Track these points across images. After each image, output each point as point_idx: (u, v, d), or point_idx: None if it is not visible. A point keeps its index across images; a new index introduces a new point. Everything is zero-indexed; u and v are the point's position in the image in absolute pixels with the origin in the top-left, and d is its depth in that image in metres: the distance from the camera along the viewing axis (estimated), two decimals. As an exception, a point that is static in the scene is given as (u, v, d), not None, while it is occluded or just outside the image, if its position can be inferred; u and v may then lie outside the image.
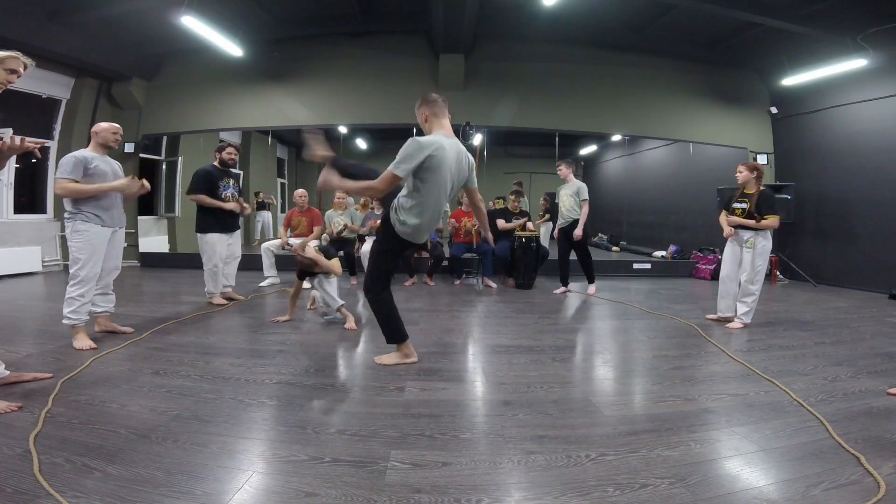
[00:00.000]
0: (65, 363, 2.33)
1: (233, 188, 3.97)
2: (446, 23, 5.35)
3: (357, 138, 8.48)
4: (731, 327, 3.44)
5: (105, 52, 5.72)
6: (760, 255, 3.37)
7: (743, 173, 3.47)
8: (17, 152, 1.79)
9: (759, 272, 3.38)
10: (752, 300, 3.43)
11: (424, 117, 2.41)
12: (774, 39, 5.75)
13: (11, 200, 5.60)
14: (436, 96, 2.42)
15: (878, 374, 2.42)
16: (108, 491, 1.27)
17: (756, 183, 3.44)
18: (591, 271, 4.87)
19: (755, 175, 3.44)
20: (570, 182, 4.73)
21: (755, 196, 3.38)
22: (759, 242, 3.37)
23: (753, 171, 3.45)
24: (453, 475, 1.42)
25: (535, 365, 2.53)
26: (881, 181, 5.31)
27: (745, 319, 3.46)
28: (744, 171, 3.47)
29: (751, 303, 3.43)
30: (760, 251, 3.37)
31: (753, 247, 3.38)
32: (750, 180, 3.45)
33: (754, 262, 3.38)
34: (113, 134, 2.75)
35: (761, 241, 3.37)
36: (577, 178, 4.78)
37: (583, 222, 4.57)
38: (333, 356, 2.69)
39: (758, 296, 3.43)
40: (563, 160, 4.85)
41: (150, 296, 4.53)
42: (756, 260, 3.38)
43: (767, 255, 3.41)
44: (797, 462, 1.51)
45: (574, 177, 4.77)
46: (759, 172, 3.46)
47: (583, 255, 4.80)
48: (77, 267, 2.58)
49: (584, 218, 4.58)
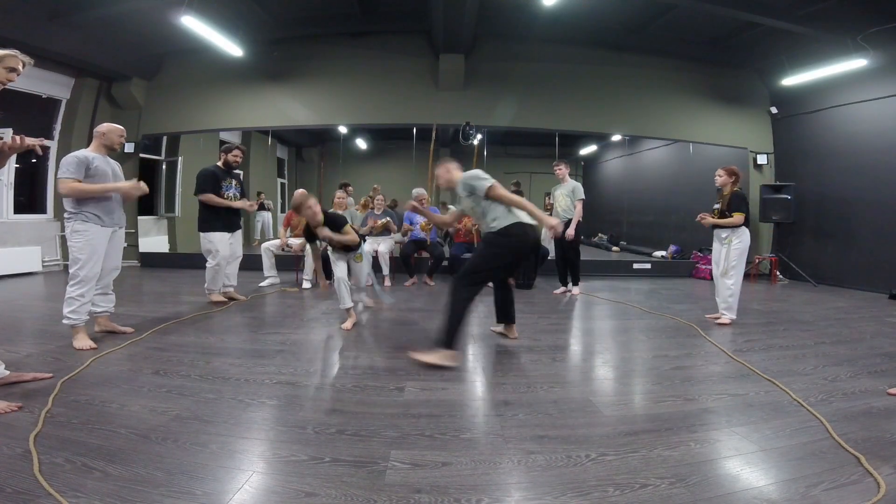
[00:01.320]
0: (65, 363, 2.33)
1: (234, 189, 3.98)
2: (446, 23, 5.34)
3: (357, 138, 8.48)
4: (718, 322, 3.61)
5: (105, 52, 5.72)
6: (735, 252, 3.57)
7: (722, 177, 3.68)
8: (18, 151, 1.79)
9: (733, 267, 3.58)
10: (729, 294, 3.60)
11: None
12: (774, 39, 5.75)
13: (11, 200, 5.60)
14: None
15: (878, 374, 2.42)
16: (108, 491, 1.27)
17: (732, 185, 3.65)
18: (577, 272, 4.84)
19: (733, 179, 3.66)
20: (566, 182, 4.73)
21: (728, 197, 3.61)
22: (734, 240, 3.57)
23: (732, 176, 3.66)
24: (453, 475, 1.42)
25: (535, 365, 2.53)
26: (881, 181, 5.31)
27: (728, 314, 3.63)
28: (723, 175, 3.68)
29: (728, 297, 3.61)
30: (735, 248, 3.57)
31: (730, 243, 3.60)
32: (728, 183, 3.66)
33: (729, 257, 3.60)
34: (119, 136, 2.77)
35: (736, 239, 3.56)
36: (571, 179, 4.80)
37: (576, 222, 4.58)
38: (333, 356, 2.69)
39: (734, 290, 3.59)
40: (561, 160, 4.85)
41: (150, 296, 4.52)
42: (731, 255, 3.59)
43: (744, 252, 3.59)
44: (797, 462, 1.51)
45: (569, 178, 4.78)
46: (737, 177, 3.68)
47: (573, 256, 4.79)
48: (77, 267, 2.58)
49: (577, 217, 4.58)
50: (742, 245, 3.57)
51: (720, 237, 3.67)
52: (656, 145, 8.12)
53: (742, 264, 3.60)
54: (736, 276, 3.58)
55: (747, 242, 3.59)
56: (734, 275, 3.58)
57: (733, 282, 3.59)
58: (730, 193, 3.62)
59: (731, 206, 3.58)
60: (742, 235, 3.56)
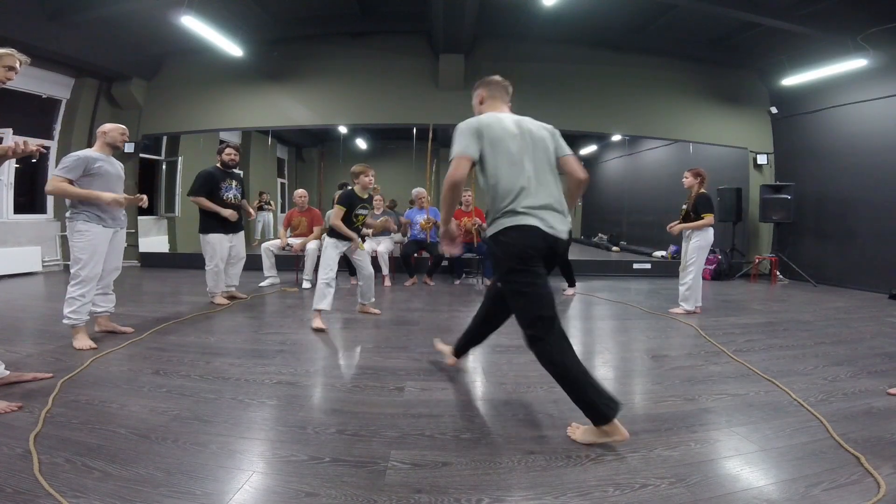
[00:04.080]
0: (65, 363, 2.33)
1: (235, 189, 3.96)
2: (446, 23, 5.34)
3: (357, 138, 8.47)
4: (673, 311, 3.91)
5: (105, 52, 5.72)
6: (694, 248, 3.81)
7: (688, 179, 3.92)
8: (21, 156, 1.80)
9: (690, 262, 3.85)
10: (686, 288, 3.87)
11: (480, 99, 2.03)
12: (774, 39, 5.75)
13: (11, 200, 5.61)
14: (498, 78, 2.04)
15: (878, 374, 2.42)
16: (108, 491, 1.27)
17: (699, 187, 3.86)
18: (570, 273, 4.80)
19: (699, 181, 3.87)
20: None
21: (693, 198, 3.82)
22: (693, 237, 3.82)
23: (697, 178, 3.89)
24: (453, 475, 1.42)
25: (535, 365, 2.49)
26: (881, 181, 5.30)
27: (685, 306, 3.89)
28: (689, 177, 3.92)
29: (685, 291, 3.88)
30: (694, 245, 3.82)
31: (689, 240, 3.88)
32: (694, 185, 3.88)
33: (688, 253, 3.86)
34: (121, 135, 2.78)
35: (696, 237, 3.81)
36: None
37: None
38: (333, 356, 2.69)
39: (690, 284, 3.85)
40: None
41: (150, 296, 4.52)
42: (689, 252, 3.85)
43: (702, 249, 3.83)
44: (797, 462, 1.51)
45: None
46: (703, 178, 3.88)
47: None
48: (78, 267, 2.58)
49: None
50: (701, 242, 3.79)
51: (686, 236, 3.91)
52: (656, 145, 8.11)
53: (701, 260, 3.84)
54: (694, 272, 3.83)
55: (709, 240, 3.82)
56: (692, 270, 3.83)
57: (692, 276, 3.83)
58: (696, 195, 3.82)
59: (697, 209, 3.78)
60: (703, 233, 3.79)
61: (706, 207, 3.75)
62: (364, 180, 3.36)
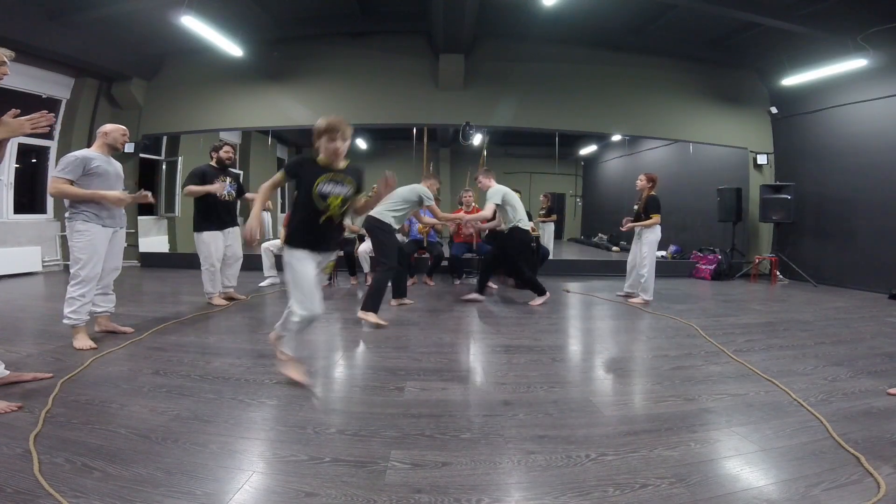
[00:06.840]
0: (65, 363, 2.33)
1: (230, 187, 3.95)
2: (446, 23, 5.34)
3: (357, 138, 8.48)
4: (633, 302, 4.33)
5: (105, 52, 5.72)
6: (646, 245, 4.27)
7: (642, 182, 4.37)
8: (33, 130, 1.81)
9: (645, 257, 4.29)
10: (644, 280, 4.30)
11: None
12: (774, 39, 5.75)
13: (11, 200, 5.60)
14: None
15: (878, 374, 2.42)
16: (108, 491, 1.27)
17: (649, 190, 4.31)
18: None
19: (650, 185, 4.32)
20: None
21: (644, 200, 4.28)
22: (644, 235, 4.28)
23: (650, 182, 4.34)
24: (453, 475, 1.42)
25: (535, 365, 2.53)
26: (881, 181, 5.30)
27: (643, 296, 4.32)
28: (643, 180, 4.36)
29: (643, 283, 4.31)
30: (646, 242, 4.27)
31: (640, 237, 4.32)
32: (646, 188, 4.33)
33: (641, 250, 4.32)
34: (122, 136, 2.77)
35: (647, 235, 4.27)
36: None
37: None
38: (333, 356, 2.69)
39: (647, 276, 4.28)
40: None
41: (150, 296, 4.52)
42: (642, 248, 4.30)
43: (654, 245, 4.28)
44: (797, 462, 1.51)
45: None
46: (654, 182, 4.34)
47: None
48: (78, 267, 2.58)
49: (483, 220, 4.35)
50: (652, 238, 4.26)
51: (637, 233, 4.38)
52: (656, 145, 8.11)
53: (652, 254, 4.28)
54: (648, 265, 4.27)
55: (657, 237, 4.28)
56: (647, 263, 4.27)
57: (647, 269, 4.27)
58: (646, 197, 4.27)
59: (647, 209, 4.25)
60: (652, 231, 4.26)
61: (654, 208, 4.23)
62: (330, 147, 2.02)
